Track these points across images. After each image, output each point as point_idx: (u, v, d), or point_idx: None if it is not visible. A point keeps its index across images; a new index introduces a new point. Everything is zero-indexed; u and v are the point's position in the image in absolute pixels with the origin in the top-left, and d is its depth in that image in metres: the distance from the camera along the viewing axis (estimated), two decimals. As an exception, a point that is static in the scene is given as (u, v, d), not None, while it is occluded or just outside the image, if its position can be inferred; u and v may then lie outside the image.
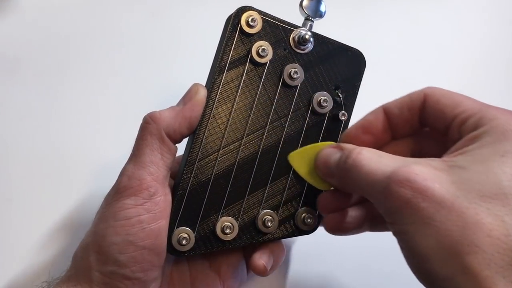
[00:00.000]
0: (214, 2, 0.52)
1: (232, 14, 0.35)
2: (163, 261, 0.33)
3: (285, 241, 0.38)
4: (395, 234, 0.28)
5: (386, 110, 0.34)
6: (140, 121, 0.34)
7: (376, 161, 0.29)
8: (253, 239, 0.36)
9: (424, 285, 0.26)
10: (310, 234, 0.37)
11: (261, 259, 0.35)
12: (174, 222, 0.34)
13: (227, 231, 0.35)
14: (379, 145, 0.35)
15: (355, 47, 0.37)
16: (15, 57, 0.50)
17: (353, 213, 0.36)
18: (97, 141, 0.46)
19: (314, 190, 0.36)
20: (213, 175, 0.35)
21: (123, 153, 0.34)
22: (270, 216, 0.35)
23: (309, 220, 0.36)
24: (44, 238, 0.42)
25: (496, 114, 0.28)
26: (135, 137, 0.34)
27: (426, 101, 0.32)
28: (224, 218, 0.35)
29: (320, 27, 0.37)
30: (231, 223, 0.35)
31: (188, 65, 0.49)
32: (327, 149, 0.34)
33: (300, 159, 0.36)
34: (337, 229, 0.35)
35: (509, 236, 0.24)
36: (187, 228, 0.34)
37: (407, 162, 0.28)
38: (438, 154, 0.29)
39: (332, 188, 0.36)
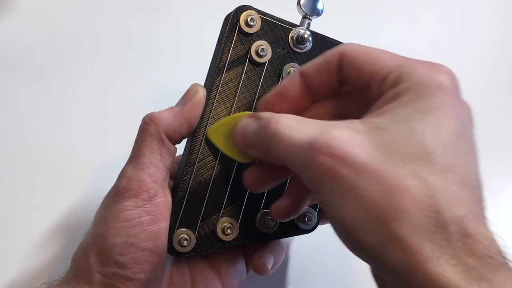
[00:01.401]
0: (213, 1, 0.51)
1: (230, 13, 0.34)
2: (164, 262, 0.33)
3: (284, 240, 0.38)
4: (321, 204, 0.26)
5: (302, 74, 0.32)
6: (139, 122, 0.34)
7: (296, 128, 0.27)
8: (253, 239, 0.36)
9: (355, 254, 0.25)
10: (310, 233, 0.37)
11: (261, 258, 0.35)
12: (175, 223, 0.34)
13: (228, 231, 0.34)
14: (298, 111, 0.32)
15: (354, 45, 0.37)
16: (15, 57, 0.50)
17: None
18: (97, 142, 0.46)
19: None
20: (213, 175, 0.34)
21: (122, 154, 0.34)
22: (270, 215, 0.35)
23: (308, 219, 0.36)
24: (43, 239, 0.42)
25: (416, 69, 0.26)
26: (134, 138, 0.34)
27: (342, 60, 0.30)
28: (225, 218, 0.35)
29: (318, 25, 0.37)
30: (231, 224, 0.35)
31: (187, 65, 0.49)
32: (243, 120, 0.32)
33: (219, 134, 0.34)
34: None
35: (433, 197, 0.22)
36: (188, 229, 0.34)
37: (327, 127, 0.26)
38: (361, 114, 0.27)
39: (256, 161, 0.34)
